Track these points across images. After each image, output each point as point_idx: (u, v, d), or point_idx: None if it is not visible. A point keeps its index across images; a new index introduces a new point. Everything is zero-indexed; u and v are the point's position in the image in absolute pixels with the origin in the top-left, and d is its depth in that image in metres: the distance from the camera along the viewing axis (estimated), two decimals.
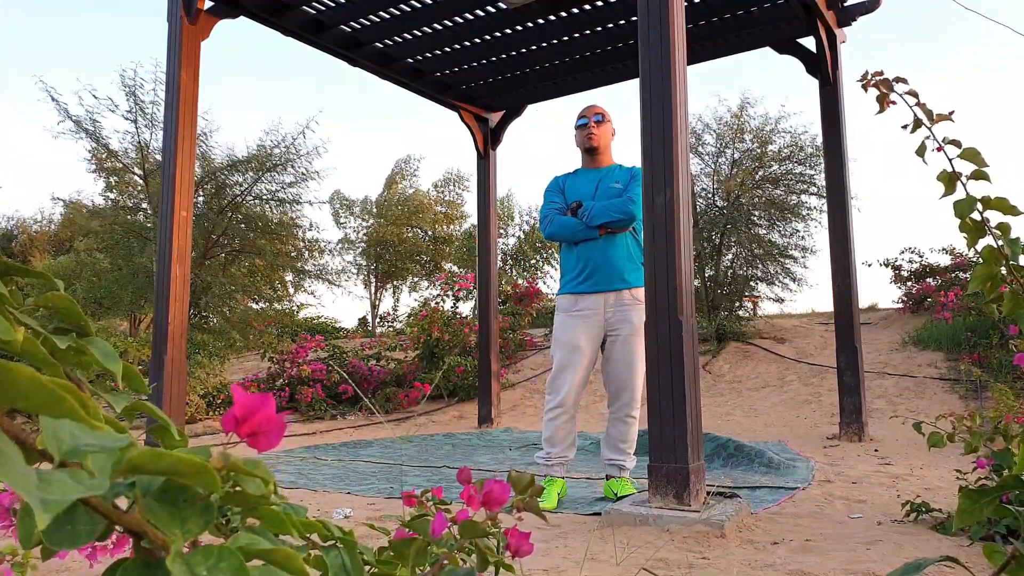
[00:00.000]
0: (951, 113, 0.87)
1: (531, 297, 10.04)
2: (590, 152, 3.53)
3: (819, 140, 9.15)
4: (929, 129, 0.86)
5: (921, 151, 0.86)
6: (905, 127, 0.88)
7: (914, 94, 0.88)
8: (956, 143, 0.84)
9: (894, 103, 0.89)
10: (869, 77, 0.91)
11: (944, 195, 0.83)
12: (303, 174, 9.01)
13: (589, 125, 3.51)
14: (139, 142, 8.65)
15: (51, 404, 0.23)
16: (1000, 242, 0.77)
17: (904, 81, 0.89)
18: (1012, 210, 0.78)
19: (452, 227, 15.82)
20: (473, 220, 15.60)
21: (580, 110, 3.61)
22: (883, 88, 0.89)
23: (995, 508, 0.71)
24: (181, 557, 0.24)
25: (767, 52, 5.61)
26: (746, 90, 16.69)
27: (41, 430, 0.23)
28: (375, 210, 15.63)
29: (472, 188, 16.36)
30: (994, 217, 0.80)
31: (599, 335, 3.34)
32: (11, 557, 0.81)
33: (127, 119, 8.55)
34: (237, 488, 0.33)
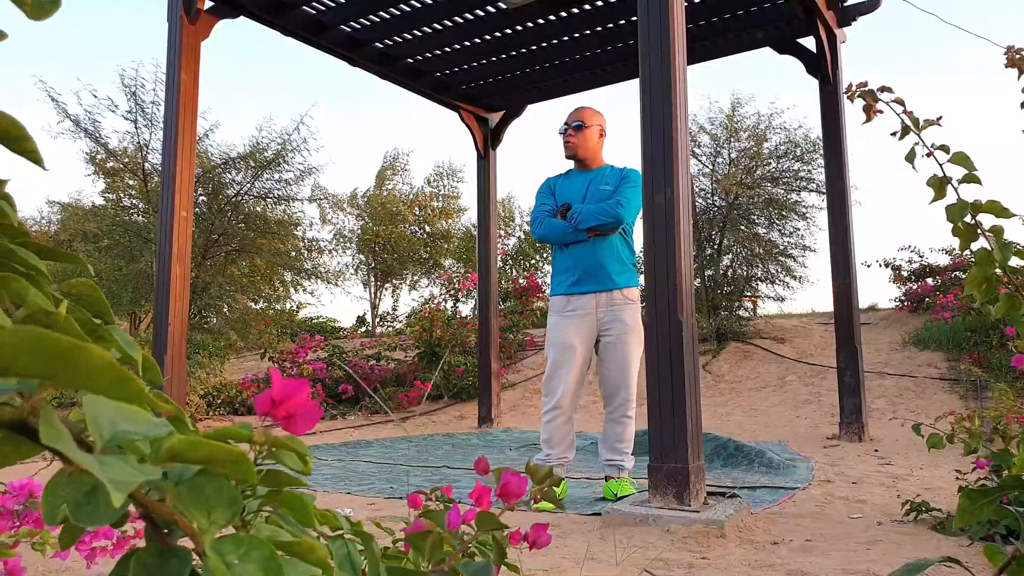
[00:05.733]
0: (939, 118, 0.87)
1: (532, 291, 10.07)
2: (571, 160, 3.53)
3: (814, 135, 9.17)
4: (918, 135, 0.87)
5: (910, 157, 0.86)
6: (894, 134, 0.89)
7: (900, 102, 0.89)
8: (945, 148, 0.84)
9: (881, 112, 0.90)
10: (854, 89, 0.92)
11: (934, 199, 0.83)
12: (301, 171, 8.99)
13: (567, 133, 3.48)
14: (139, 142, 8.64)
15: (118, 387, 0.23)
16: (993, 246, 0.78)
17: (889, 90, 0.90)
18: (1004, 213, 0.79)
19: (450, 221, 15.60)
20: (470, 214, 15.49)
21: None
22: (868, 98, 0.90)
23: (995, 509, 0.71)
24: (215, 546, 0.25)
25: (767, 52, 5.62)
26: (737, 89, 16.74)
27: (86, 416, 0.24)
28: (366, 208, 15.26)
29: (466, 180, 16.20)
30: (987, 220, 0.81)
31: (592, 335, 3.34)
32: (28, 538, 0.85)
33: (127, 119, 8.54)
34: (270, 465, 0.33)
